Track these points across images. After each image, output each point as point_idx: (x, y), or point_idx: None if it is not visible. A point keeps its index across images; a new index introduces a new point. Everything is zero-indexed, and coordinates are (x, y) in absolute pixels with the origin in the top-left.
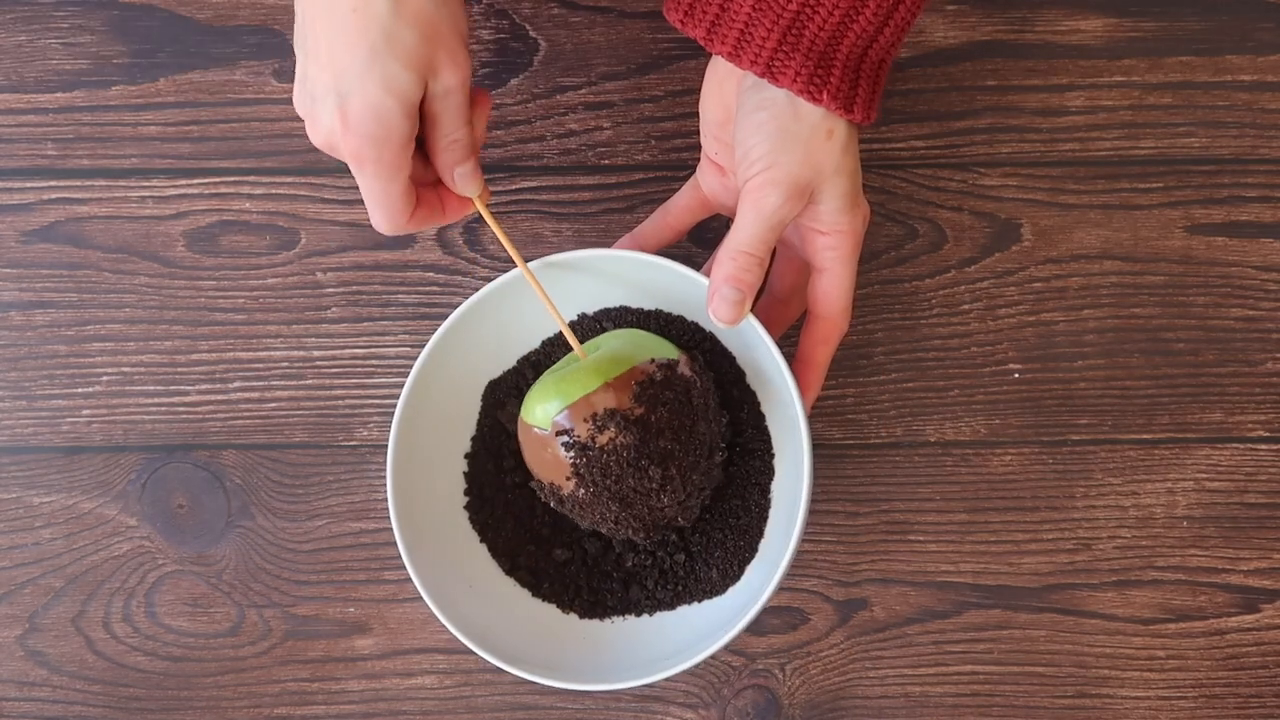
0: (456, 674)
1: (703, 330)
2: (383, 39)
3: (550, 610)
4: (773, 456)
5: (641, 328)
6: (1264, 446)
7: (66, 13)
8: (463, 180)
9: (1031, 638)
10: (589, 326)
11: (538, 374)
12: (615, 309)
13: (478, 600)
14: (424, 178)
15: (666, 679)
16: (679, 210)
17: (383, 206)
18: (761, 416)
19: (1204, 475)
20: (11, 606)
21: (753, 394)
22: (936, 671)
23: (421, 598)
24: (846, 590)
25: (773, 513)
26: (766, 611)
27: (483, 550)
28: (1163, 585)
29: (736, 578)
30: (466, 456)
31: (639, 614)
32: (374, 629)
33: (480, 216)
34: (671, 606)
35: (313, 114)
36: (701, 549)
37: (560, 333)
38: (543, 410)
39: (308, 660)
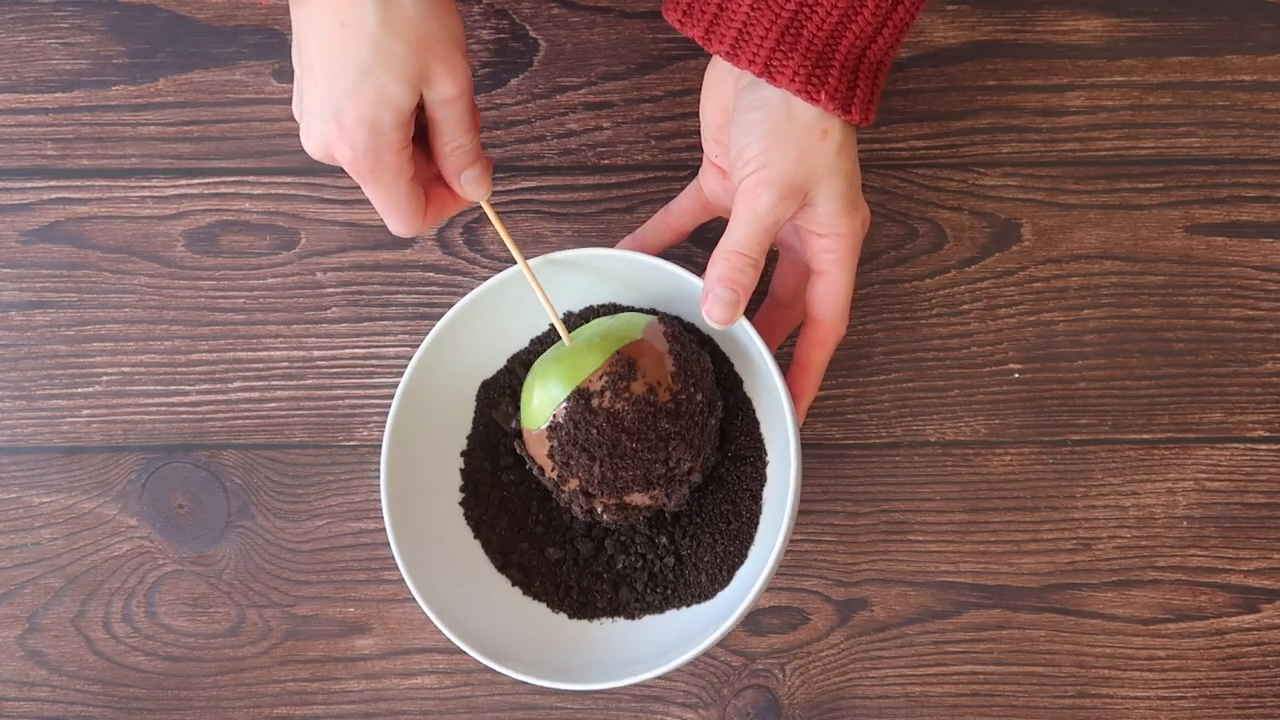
0: (456, 674)
1: (699, 333)
2: (373, 54)
3: (540, 609)
4: (765, 463)
5: None
6: (1264, 446)
7: (66, 13)
8: (471, 185)
9: (1031, 638)
10: (574, 325)
11: (528, 372)
12: (604, 305)
13: (467, 596)
14: (426, 173)
15: (667, 679)
16: (680, 212)
17: (392, 212)
18: (756, 423)
19: (1204, 475)
20: (11, 606)
21: (748, 400)
22: (936, 671)
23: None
24: (846, 590)
25: (763, 518)
26: (766, 612)
27: (476, 546)
28: (1163, 585)
29: (725, 583)
30: (463, 454)
31: (628, 616)
32: (374, 629)
33: (480, 215)
34: (660, 610)
35: (307, 125)
36: (691, 553)
37: (547, 332)
38: (544, 395)
39: (308, 660)
